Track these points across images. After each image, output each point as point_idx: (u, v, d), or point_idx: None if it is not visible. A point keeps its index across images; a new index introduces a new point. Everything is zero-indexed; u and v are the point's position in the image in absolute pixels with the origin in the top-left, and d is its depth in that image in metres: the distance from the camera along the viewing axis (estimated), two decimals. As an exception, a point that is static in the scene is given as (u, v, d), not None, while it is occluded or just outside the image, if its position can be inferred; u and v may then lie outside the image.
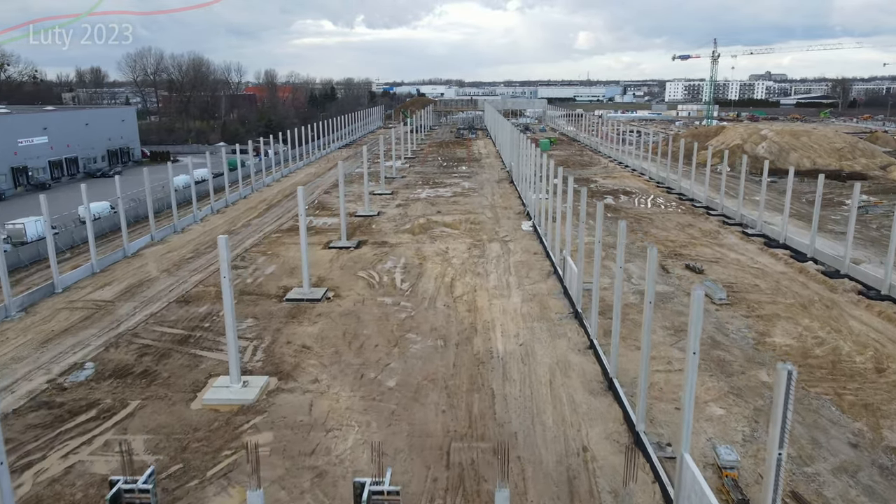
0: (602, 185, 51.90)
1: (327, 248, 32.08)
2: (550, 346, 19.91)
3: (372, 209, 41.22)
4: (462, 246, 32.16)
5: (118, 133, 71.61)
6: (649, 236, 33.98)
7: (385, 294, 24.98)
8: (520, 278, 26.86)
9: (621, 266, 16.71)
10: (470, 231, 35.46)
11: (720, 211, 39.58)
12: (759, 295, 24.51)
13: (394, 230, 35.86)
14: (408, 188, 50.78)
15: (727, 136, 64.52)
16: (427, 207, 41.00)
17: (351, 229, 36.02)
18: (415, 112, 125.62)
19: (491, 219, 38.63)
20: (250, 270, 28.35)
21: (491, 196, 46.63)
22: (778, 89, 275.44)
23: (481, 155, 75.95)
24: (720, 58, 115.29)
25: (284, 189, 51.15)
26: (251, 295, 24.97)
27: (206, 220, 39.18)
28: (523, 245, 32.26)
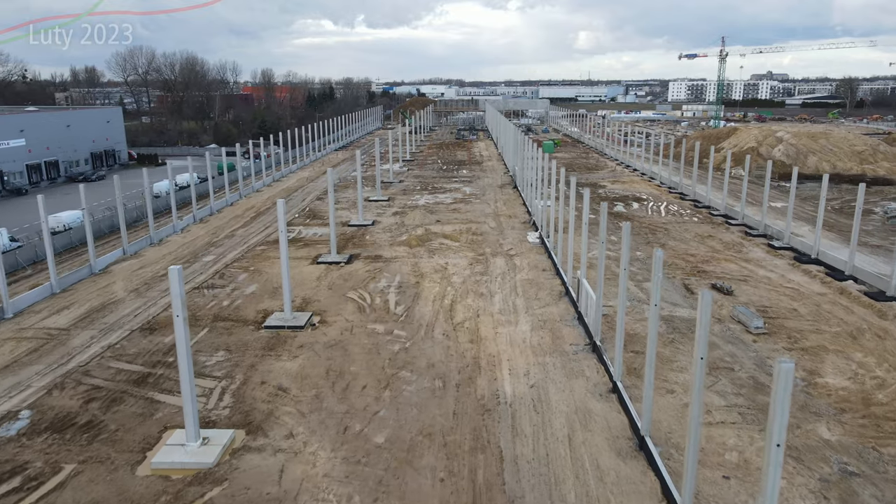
0: (611, 190, 49.10)
1: (315, 263, 29.29)
2: (567, 389, 17.10)
3: (366, 218, 38.43)
4: (463, 261, 29.36)
5: (103, 135, 68.80)
6: (667, 250, 31.16)
7: (377, 320, 22.18)
8: (528, 300, 24.05)
9: (657, 304, 13.85)
10: (472, 243, 32.66)
11: (741, 220, 36.76)
12: (799, 322, 21.70)
13: (389, 242, 33.07)
14: (405, 194, 47.98)
15: (740, 138, 61.71)
16: (425, 216, 38.22)
17: (342, 241, 33.23)
18: (414, 112, 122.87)
19: (494, 229, 35.82)
20: (228, 290, 25.55)
21: (494, 203, 43.83)
22: (782, 89, 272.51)
23: (482, 157, 73.16)
24: (727, 57, 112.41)
25: (275, 195, 48.33)
26: (226, 321, 22.17)
27: (187, 230, 36.37)
28: (530, 260, 29.46)
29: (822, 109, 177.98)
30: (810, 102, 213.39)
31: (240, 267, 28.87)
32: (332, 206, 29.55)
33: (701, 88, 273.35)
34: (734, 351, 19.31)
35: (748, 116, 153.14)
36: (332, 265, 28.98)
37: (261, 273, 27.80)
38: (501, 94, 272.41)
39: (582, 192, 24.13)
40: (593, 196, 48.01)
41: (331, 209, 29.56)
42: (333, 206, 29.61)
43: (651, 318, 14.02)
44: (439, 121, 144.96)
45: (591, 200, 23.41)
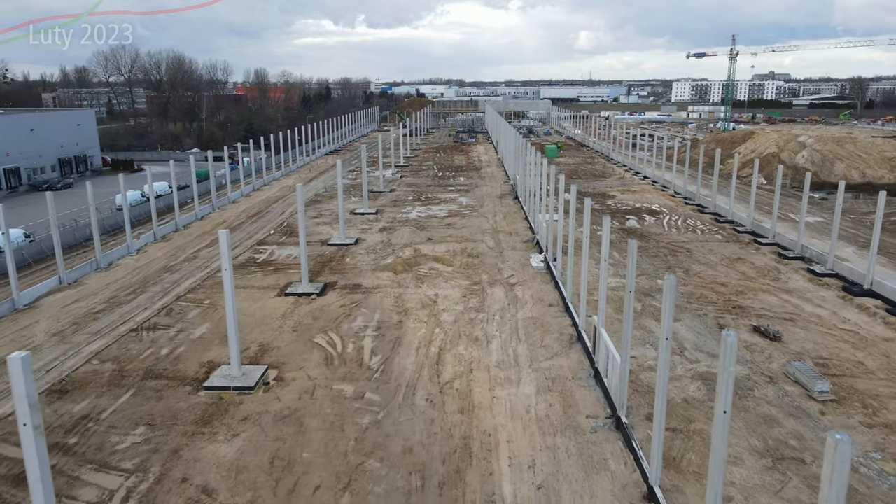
0: (621, 201, 44.83)
1: (283, 294, 25.04)
2: (586, 494, 12.85)
3: (349, 235, 34.19)
4: (456, 292, 25.10)
5: (73, 139, 64.43)
6: (693, 277, 26.93)
7: (346, 376, 17.95)
8: (532, 348, 19.80)
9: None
10: (466, 268, 28.41)
11: (772, 239, 32.48)
12: (871, 381, 17.43)
13: (372, 266, 28.82)
14: (396, 205, 43.73)
15: (758, 142, 57.45)
16: (415, 234, 33.96)
17: (318, 266, 29.00)
18: (411, 114, 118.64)
19: (492, 249, 31.56)
20: (172, 333, 21.30)
21: (492, 217, 39.57)
22: (787, 89, 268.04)
23: (481, 163, 68.90)
24: (738, 56, 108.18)
25: (253, 206, 44.13)
26: (159, 379, 17.93)
27: (143, 250, 32.10)
28: (534, 291, 25.19)
29: (830, 110, 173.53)
30: (818, 103, 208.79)
31: (194, 300, 24.61)
32: (303, 230, 25.28)
33: (705, 89, 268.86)
34: (799, 429, 15.04)
35: (757, 118, 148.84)
36: (303, 297, 24.74)
37: (216, 309, 23.54)
38: (502, 95, 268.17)
39: (596, 212, 19.97)
40: (602, 208, 43.90)
41: (301, 234, 25.30)
42: (304, 228, 25.33)
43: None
44: (437, 122, 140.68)
45: (599, 215, 19.25)
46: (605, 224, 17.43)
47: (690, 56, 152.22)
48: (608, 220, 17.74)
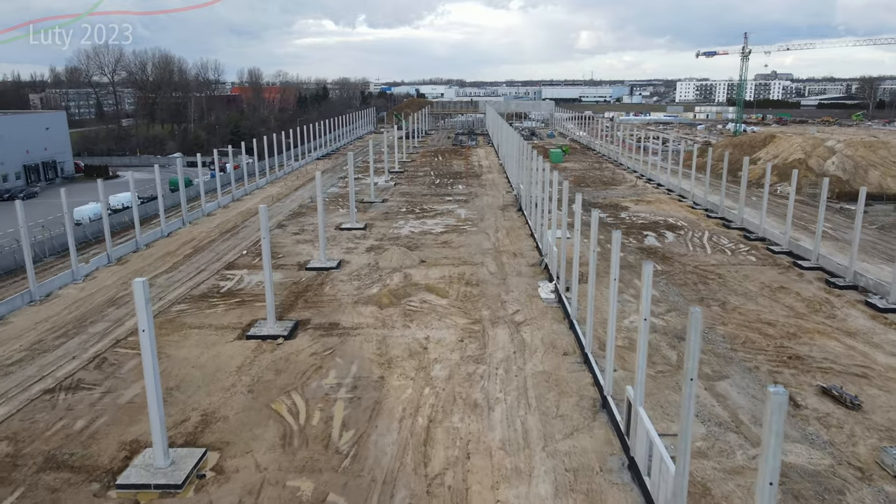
0: (635, 213, 40.65)
1: (245, 337, 20.89)
2: None
3: (331, 257, 30.04)
4: (451, 334, 20.96)
5: (41, 143, 60.03)
6: (731, 312, 22.77)
7: (306, 465, 13.82)
8: (545, 419, 15.65)
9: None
10: (464, 300, 24.25)
11: (815, 262, 28.29)
12: None
13: (354, 298, 24.67)
14: (387, 219, 39.56)
15: (780, 147, 53.26)
16: (406, 256, 29.80)
17: (292, 296, 24.85)
18: (409, 115, 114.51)
19: (495, 276, 27.40)
20: (97, 394, 17.16)
21: (494, 233, 35.40)
22: (793, 89, 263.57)
23: (482, 168, 64.72)
24: (750, 54, 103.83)
25: (228, 220, 39.97)
26: (60, 469, 13.79)
27: (92, 276, 27.93)
28: (545, 332, 21.04)
29: (840, 110, 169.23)
30: (827, 103, 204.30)
31: (136, 345, 20.42)
32: (268, 263, 21.11)
33: (710, 88, 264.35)
34: (923, 565, 10.88)
35: (767, 118, 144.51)
36: (268, 341, 20.61)
37: (161, 358, 19.29)
38: (503, 95, 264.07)
39: (608, 228, 15.86)
40: (615, 222, 39.70)
41: (266, 266, 21.14)
42: (269, 260, 21.14)
43: None
44: (436, 124, 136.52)
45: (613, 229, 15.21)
46: (614, 251, 13.17)
47: (700, 55, 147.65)
48: (617, 241, 13.48)
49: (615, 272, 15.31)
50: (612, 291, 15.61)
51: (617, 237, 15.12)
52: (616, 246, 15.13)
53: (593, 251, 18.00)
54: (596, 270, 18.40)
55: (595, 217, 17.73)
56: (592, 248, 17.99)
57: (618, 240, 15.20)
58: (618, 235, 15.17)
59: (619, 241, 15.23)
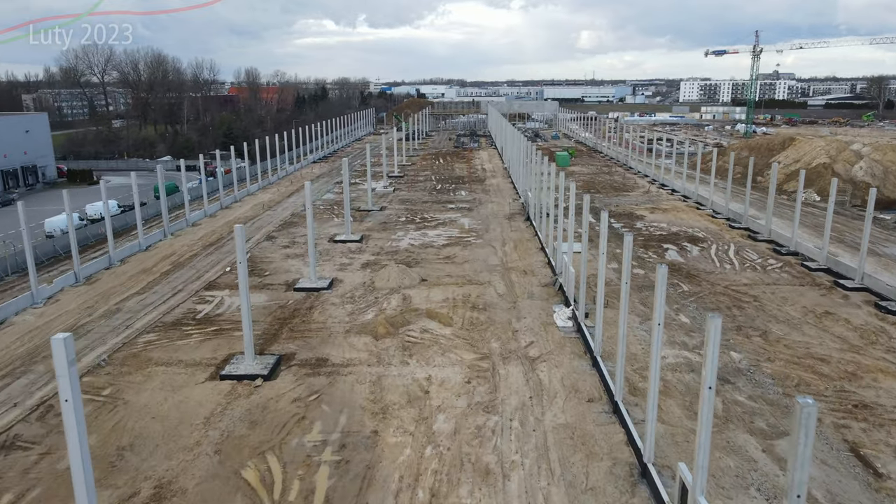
0: (652, 223, 37.84)
1: (218, 376, 18.10)
2: None
3: (322, 276, 27.26)
4: (456, 373, 18.17)
5: (20, 147, 56.99)
6: (775, 344, 19.97)
7: (277, 563, 11.03)
8: (573, 495, 12.86)
9: None
10: (471, 328, 21.46)
11: (859, 281, 25.48)
12: None
13: (346, 326, 21.88)
14: (385, 229, 36.77)
15: (801, 150, 50.40)
16: (405, 274, 26.98)
17: (276, 324, 22.06)
18: (409, 116, 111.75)
19: (503, 298, 24.60)
20: (35, 455, 14.38)
21: (501, 246, 32.61)
22: (799, 89, 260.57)
23: (485, 172, 61.92)
24: (762, 52, 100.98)
25: (215, 231, 37.16)
26: (-31, 571, 11.00)
27: (55, 299, 25.12)
28: (565, 371, 18.25)
29: (848, 111, 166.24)
30: (834, 103, 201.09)
31: (91, 387, 17.65)
32: (245, 289, 18.29)
33: (714, 88, 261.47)
34: None
35: (776, 119, 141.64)
36: (244, 381, 17.83)
37: (117, 405, 16.61)
38: (504, 95, 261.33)
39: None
40: (632, 233, 36.67)
41: (243, 297, 18.34)
42: (247, 289, 18.32)
43: None
44: (437, 125, 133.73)
45: (634, 244, 12.59)
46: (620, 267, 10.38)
47: (709, 53, 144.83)
48: (664, 278, 10.68)
49: (659, 314, 12.52)
50: (655, 333, 12.80)
51: (663, 274, 12.32)
52: (662, 282, 12.32)
53: (626, 279, 15.20)
54: (607, 286, 15.59)
55: (628, 243, 14.91)
56: (626, 272, 15.20)
57: (664, 276, 12.40)
58: (664, 272, 12.38)
59: (664, 274, 12.43)
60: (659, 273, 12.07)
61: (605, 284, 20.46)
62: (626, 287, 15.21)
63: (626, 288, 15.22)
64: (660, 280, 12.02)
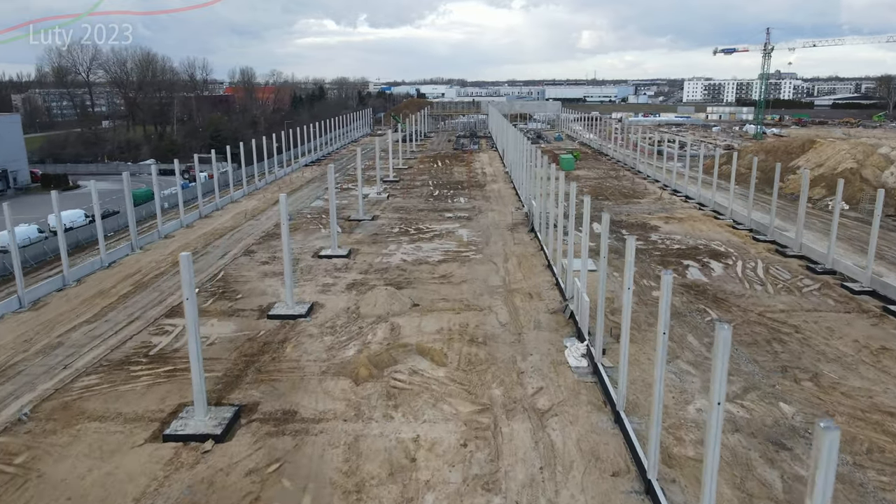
0: (668, 235, 34.62)
1: (161, 436, 14.90)
2: None
3: (301, 299, 24.07)
4: (451, 433, 14.98)
5: (-15, 150, 53.75)
6: (830, 391, 16.77)
7: None
8: None
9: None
10: (468, 369, 18.27)
11: (913, 308, 22.23)
12: None
13: (322, 366, 18.68)
14: (376, 242, 33.58)
15: (824, 154, 47.21)
16: (394, 298, 23.77)
17: (241, 362, 18.88)
18: (407, 116, 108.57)
19: (506, 328, 21.40)
20: None
21: (503, 262, 29.40)
22: (805, 89, 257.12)
23: (486, 176, 58.71)
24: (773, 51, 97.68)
25: (189, 244, 33.97)
26: None
27: (-11, 330, 21.90)
28: (581, 431, 15.05)
29: (857, 111, 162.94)
30: (842, 103, 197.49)
31: (3, 454, 14.45)
32: (195, 329, 15.09)
33: (718, 88, 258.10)
34: None
35: (785, 119, 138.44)
36: (192, 443, 14.64)
37: (29, 479, 13.42)
38: (505, 95, 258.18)
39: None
40: (647, 247, 33.50)
41: (192, 343, 15.18)
42: (197, 334, 15.11)
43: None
44: (436, 125, 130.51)
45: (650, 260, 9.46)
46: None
47: (718, 52, 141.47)
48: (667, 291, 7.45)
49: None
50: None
51: (668, 282, 9.12)
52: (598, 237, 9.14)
53: (664, 323, 12.02)
54: (657, 339, 12.40)
55: (667, 283, 11.71)
56: (664, 315, 12.02)
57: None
58: (668, 280, 9.19)
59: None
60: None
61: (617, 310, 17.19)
62: (663, 338, 12.01)
63: (663, 339, 12.02)
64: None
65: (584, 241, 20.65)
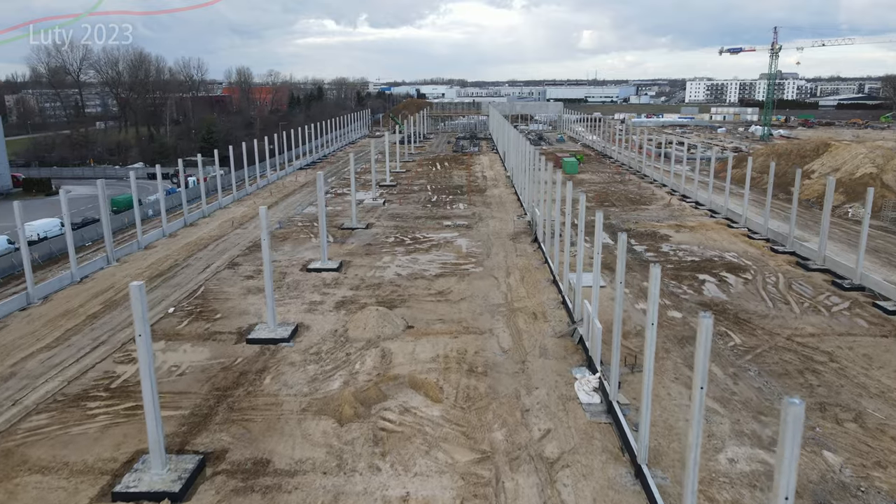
0: (680, 245, 32.57)
1: (110, 493, 12.87)
2: None
3: (285, 320, 22.05)
4: (445, 489, 12.98)
5: (-34, 155, 51.68)
6: (875, 435, 14.75)
7: None
8: None
9: None
10: (466, 408, 16.24)
11: (957, 332, 20.16)
12: None
13: (303, 402, 16.66)
14: (369, 254, 31.55)
15: (840, 158, 45.19)
16: (386, 320, 21.72)
17: (212, 398, 16.85)
18: (407, 117, 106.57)
19: (509, 356, 19.35)
20: None
21: (505, 277, 27.35)
22: (807, 89, 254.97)
23: (486, 181, 56.66)
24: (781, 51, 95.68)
25: (170, 255, 31.92)
26: None
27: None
28: (596, 488, 13.03)
29: (862, 111, 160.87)
30: (847, 104, 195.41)
31: (-75, 514, 12.44)
32: (150, 378, 13.05)
33: (721, 88, 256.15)
34: None
35: (791, 120, 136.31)
36: (145, 503, 12.61)
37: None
38: (506, 95, 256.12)
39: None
40: (657, 258, 31.48)
41: (145, 382, 13.17)
42: (151, 370, 13.07)
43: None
44: (436, 127, 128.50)
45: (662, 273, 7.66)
46: None
47: (724, 51, 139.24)
48: None
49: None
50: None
51: (656, 274, 7.11)
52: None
53: (702, 369, 10.00)
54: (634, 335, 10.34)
55: (655, 278, 9.68)
56: (701, 361, 9.98)
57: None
58: (657, 273, 7.19)
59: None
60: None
61: (637, 335, 15.10)
62: (700, 393, 9.98)
63: (700, 395, 9.99)
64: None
65: (595, 261, 18.57)
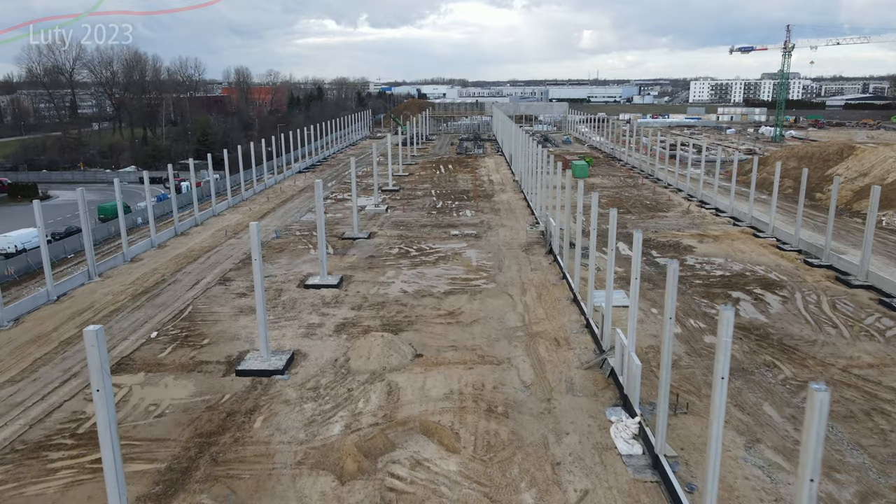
0: (706, 258, 30.28)
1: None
2: None
3: (279, 346, 19.80)
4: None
5: (-52, 160, 49.43)
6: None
7: None
8: None
9: None
10: (487, 460, 14.00)
11: None
12: None
13: (298, 453, 14.41)
14: (371, 267, 29.29)
15: (866, 162, 42.89)
16: (392, 348, 19.48)
17: (194, 446, 14.63)
18: (408, 118, 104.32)
19: (532, 392, 17.10)
20: None
21: (520, 295, 25.07)
22: (813, 89, 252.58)
23: (493, 185, 54.39)
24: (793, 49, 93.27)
25: (157, 268, 29.66)
26: None
27: None
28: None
29: (870, 111, 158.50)
30: (854, 104, 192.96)
31: None
32: (112, 442, 10.80)
33: (725, 88, 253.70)
34: None
35: (801, 121, 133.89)
36: (105, 593, 10.36)
37: None
38: (507, 95, 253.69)
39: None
40: (684, 272, 28.50)
41: (105, 454, 10.93)
42: (115, 438, 10.83)
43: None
44: (438, 127, 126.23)
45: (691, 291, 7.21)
46: None
47: (734, 50, 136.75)
48: None
49: None
50: None
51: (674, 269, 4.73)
52: None
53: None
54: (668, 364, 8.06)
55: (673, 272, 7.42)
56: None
57: None
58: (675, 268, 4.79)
59: None
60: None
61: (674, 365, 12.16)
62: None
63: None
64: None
65: (633, 287, 16.18)
